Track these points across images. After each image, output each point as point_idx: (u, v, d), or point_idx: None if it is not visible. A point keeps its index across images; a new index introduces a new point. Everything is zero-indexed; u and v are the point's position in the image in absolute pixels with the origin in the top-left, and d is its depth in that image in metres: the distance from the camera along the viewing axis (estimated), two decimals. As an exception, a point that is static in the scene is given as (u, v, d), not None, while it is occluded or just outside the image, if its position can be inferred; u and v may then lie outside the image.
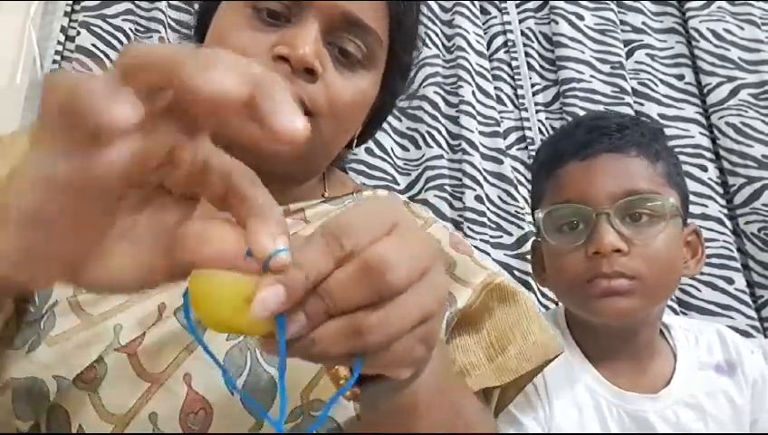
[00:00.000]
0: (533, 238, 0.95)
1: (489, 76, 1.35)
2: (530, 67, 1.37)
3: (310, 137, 0.58)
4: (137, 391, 0.49)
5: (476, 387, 0.55)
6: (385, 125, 1.30)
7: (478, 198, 1.22)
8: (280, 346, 0.29)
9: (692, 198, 1.22)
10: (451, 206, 1.25)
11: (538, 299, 1.18)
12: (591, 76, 1.33)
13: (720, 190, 1.28)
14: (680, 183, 0.83)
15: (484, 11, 1.41)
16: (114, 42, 1.22)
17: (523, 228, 1.23)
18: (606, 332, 0.81)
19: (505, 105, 1.35)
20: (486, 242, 1.20)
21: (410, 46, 0.65)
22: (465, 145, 1.26)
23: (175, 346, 0.51)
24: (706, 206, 1.25)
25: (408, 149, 1.31)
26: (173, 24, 1.29)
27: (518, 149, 1.33)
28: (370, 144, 1.27)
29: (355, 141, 0.67)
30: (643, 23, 1.41)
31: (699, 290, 1.20)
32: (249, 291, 0.28)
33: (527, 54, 1.38)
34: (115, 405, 0.49)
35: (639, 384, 0.80)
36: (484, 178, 1.25)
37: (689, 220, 0.86)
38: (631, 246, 0.75)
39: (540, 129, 1.33)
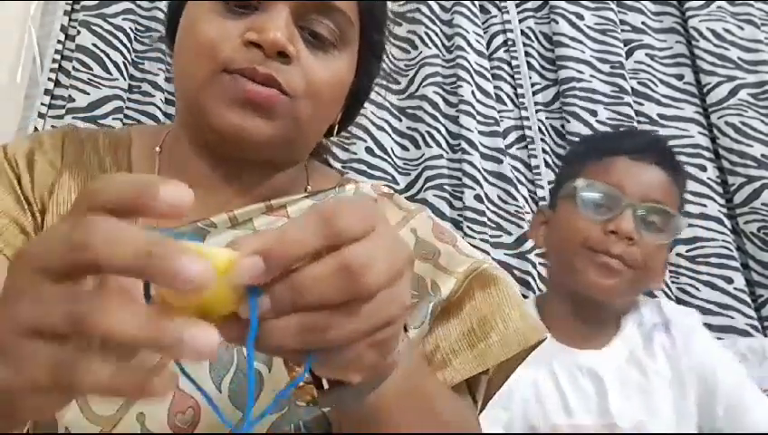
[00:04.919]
0: (543, 204, 1.11)
1: (489, 76, 1.35)
2: (530, 66, 1.37)
3: (289, 119, 0.58)
4: None
5: (458, 378, 0.55)
6: (385, 125, 1.30)
7: (478, 198, 1.22)
8: (252, 319, 0.29)
9: (691, 197, 1.23)
10: (451, 205, 1.26)
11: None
12: (591, 76, 1.33)
13: (719, 190, 1.28)
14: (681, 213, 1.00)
15: (483, 10, 1.41)
16: (114, 41, 1.22)
17: (522, 227, 1.23)
18: (577, 302, 0.94)
19: (505, 105, 1.35)
20: (486, 241, 1.20)
21: (381, 26, 0.65)
22: (464, 144, 1.26)
23: None
24: (705, 205, 1.25)
25: (407, 149, 1.31)
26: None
27: (518, 149, 1.33)
28: (370, 144, 1.27)
29: (336, 128, 0.67)
30: (643, 22, 1.41)
31: (699, 290, 1.21)
32: (221, 262, 0.28)
33: (527, 54, 1.38)
34: (102, 407, 0.49)
35: (586, 343, 0.94)
36: (484, 178, 1.25)
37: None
38: (640, 240, 0.90)
39: (539, 128, 1.33)
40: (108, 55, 1.21)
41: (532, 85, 1.36)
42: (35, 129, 1.15)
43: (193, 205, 0.30)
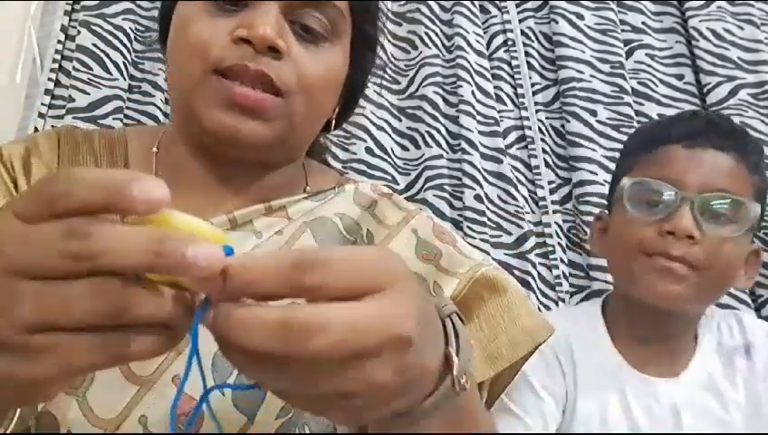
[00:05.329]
0: (600, 211, 1.01)
1: (489, 75, 1.34)
2: (530, 66, 1.37)
3: (284, 119, 0.57)
4: (126, 395, 0.49)
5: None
6: (385, 125, 1.30)
7: (478, 198, 1.22)
8: (194, 323, 0.30)
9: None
10: (451, 205, 1.25)
11: (538, 299, 1.18)
12: (591, 76, 1.33)
13: (719, 190, 1.28)
14: (762, 202, 0.86)
15: (483, 10, 1.41)
16: (114, 41, 1.22)
17: (522, 228, 1.23)
18: (645, 314, 0.84)
19: (505, 104, 1.35)
20: (486, 241, 1.20)
21: (374, 18, 0.65)
22: (464, 144, 1.26)
23: None
24: (706, 205, 1.25)
25: (407, 149, 1.31)
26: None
27: (518, 149, 1.32)
28: (370, 144, 1.27)
29: (333, 124, 0.67)
30: (643, 22, 1.41)
31: (699, 289, 1.20)
32: (203, 234, 0.29)
33: (527, 54, 1.38)
34: (104, 409, 0.49)
35: (661, 367, 0.85)
36: (484, 178, 1.25)
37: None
38: (703, 237, 0.79)
39: (540, 128, 1.32)
40: (108, 55, 1.21)
41: (532, 85, 1.36)
42: (35, 129, 1.14)
43: (190, 205, 0.30)
